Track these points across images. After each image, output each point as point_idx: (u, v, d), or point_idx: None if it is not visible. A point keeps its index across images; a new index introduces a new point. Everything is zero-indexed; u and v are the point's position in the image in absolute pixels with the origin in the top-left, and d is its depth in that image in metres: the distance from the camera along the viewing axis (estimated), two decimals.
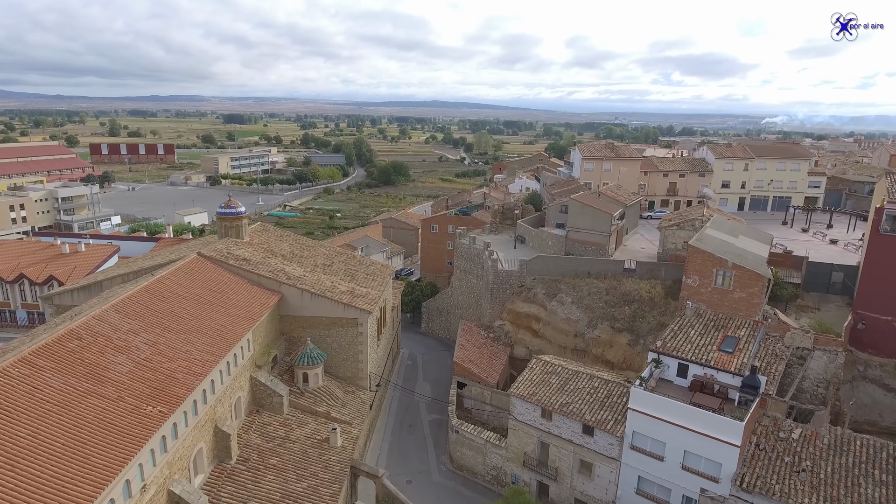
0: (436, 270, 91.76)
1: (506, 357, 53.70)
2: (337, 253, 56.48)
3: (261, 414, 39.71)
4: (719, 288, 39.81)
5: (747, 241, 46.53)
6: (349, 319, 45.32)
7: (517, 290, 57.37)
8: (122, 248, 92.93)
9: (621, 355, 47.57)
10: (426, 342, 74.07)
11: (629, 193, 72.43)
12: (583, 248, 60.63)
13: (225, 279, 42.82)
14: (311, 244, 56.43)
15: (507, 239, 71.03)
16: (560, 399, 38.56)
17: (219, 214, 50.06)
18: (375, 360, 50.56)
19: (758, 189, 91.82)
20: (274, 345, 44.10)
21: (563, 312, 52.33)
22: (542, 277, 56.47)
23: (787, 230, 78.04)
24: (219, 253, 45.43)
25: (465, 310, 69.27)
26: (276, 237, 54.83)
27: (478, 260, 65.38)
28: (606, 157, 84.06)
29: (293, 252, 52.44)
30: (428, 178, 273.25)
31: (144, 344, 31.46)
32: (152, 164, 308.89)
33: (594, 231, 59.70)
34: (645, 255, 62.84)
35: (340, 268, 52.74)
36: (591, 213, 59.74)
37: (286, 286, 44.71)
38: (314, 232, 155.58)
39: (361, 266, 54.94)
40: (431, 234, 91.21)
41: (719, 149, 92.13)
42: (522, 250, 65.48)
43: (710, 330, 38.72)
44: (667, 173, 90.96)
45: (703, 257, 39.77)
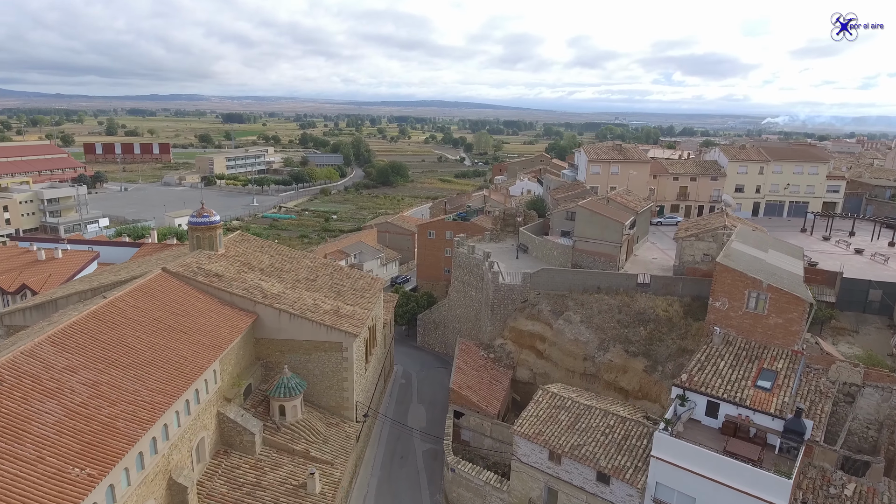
0: (433, 278, 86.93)
1: (507, 381, 48.83)
2: (322, 265, 51.62)
3: (229, 455, 34.86)
4: (752, 312, 34.96)
5: (778, 255, 41.68)
6: (333, 343, 40.46)
7: (520, 306, 52.50)
8: (103, 255, 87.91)
9: (636, 383, 42.71)
10: (422, 358, 69.22)
11: (639, 199, 67.57)
12: (591, 259, 55.78)
13: (191, 299, 37.97)
14: (294, 255, 51.57)
15: (508, 248, 66.18)
16: (570, 440, 33.71)
17: (190, 224, 45.19)
18: (364, 385, 45.72)
19: (773, 193, 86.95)
20: (247, 372, 39.26)
21: (570, 332, 47.46)
22: (547, 292, 51.62)
23: (807, 238, 73.16)
24: (187, 268, 40.58)
25: (464, 324, 64.44)
26: (256, 248, 49.97)
27: (477, 271, 60.55)
28: (614, 159, 79.21)
29: (273, 265, 47.58)
30: (427, 179, 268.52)
31: (83, 385, 26.59)
32: (147, 163, 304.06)
33: (604, 241, 54.84)
34: (658, 268, 57.99)
35: (325, 282, 47.88)
36: (600, 222, 54.87)
37: (262, 306, 39.85)
38: (308, 234, 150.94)
39: (349, 280, 50.07)
40: (428, 240, 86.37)
41: (732, 151, 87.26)
42: (525, 260, 60.64)
43: (742, 361, 33.86)
44: (677, 176, 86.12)
45: (734, 277, 34.94)
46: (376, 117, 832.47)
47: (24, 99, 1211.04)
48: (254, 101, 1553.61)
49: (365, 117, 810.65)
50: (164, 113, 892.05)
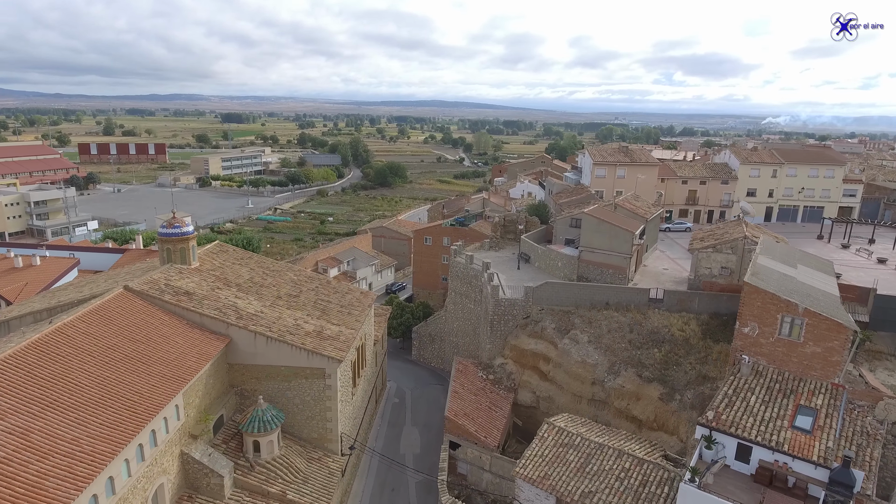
0: (429, 287, 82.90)
1: (508, 406, 44.77)
2: (307, 278, 47.52)
3: (193, 501, 30.80)
4: (786, 339, 30.90)
5: (809, 272, 37.63)
6: (314, 370, 36.40)
7: (522, 323, 48.46)
8: (84, 261, 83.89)
9: (651, 412, 38.67)
10: (417, 373, 65.18)
11: (648, 205, 63.53)
12: (598, 271, 51.73)
13: (155, 322, 33.91)
14: (276, 268, 47.47)
15: (509, 257, 62.14)
16: (581, 485, 29.68)
17: (160, 236, 41.14)
18: (351, 413, 41.68)
19: (787, 198, 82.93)
20: (219, 403, 35.21)
21: (577, 353, 43.40)
22: (551, 308, 47.58)
23: (824, 246, 69.17)
24: (153, 286, 36.53)
25: (461, 338, 60.44)
26: (234, 260, 45.89)
27: (475, 282, 56.54)
28: (620, 162, 75.14)
29: (253, 279, 43.52)
30: (426, 180, 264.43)
31: (8, 434, 22.54)
32: (143, 164, 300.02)
33: (612, 252, 50.78)
34: (670, 280, 53.97)
35: (310, 298, 43.81)
36: (608, 231, 50.81)
37: (236, 328, 35.79)
38: (303, 238, 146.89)
39: (335, 295, 46.00)
40: (424, 246, 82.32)
41: (744, 153, 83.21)
42: (527, 271, 56.60)
43: (775, 396, 29.83)
44: (686, 180, 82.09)
45: (765, 299, 30.90)
46: (376, 117, 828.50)
47: (23, 98, 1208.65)
48: (253, 101, 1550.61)
49: (364, 117, 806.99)
50: (164, 113, 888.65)
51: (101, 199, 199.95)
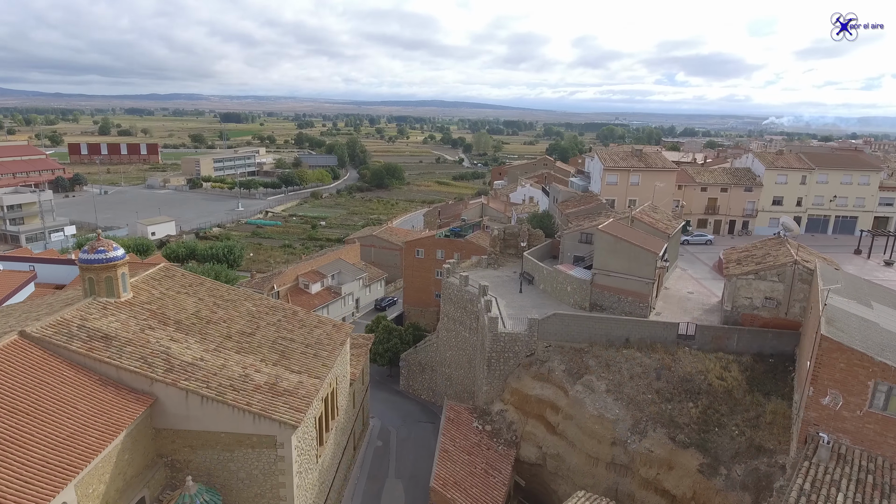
0: (422, 304, 75.28)
1: (509, 468, 37.08)
2: (269, 309, 39.80)
3: None
4: (879, 414, 23.26)
5: (888, 313, 29.89)
6: (263, 437, 28.75)
7: (525, 362, 40.76)
8: (42, 274, 76.19)
9: (688, 487, 30.97)
10: (404, 408, 57.48)
11: (668, 217, 55.85)
12: (616, 298, 44.02)
13: (54, 380, 26.21)
14: (232, 297, 39.68)
15: (509, 276, 54.41)
16: None
17: (80, 262, 33.45)
18: (315, 481, 33.99)
19: (817, 207, 75.20)
20: (139, 481, 27.53)
21: (593, 405, 35.70)
22: (560, 344, 39.89)
23: (864, 263, 61.50)
24: (60, 330, 28.82)
25: (455, 370, 52.82)
26: (181, 288, 38.16)
27: (471, 308, 48.91)
28: (634, 167, 67.42)
29: (199, 313, 35.80)
30: (424, 181, 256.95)
31: None
32: (134, 164, 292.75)
33: (631, 276, 43.08)
34: (698, 307, 46.26)
35: (268, 336, 36.12)
36: (627, 252, 43.10)
37: (162, 385, 28.11)
38: (292, 244, 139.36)
39: (301, 330, 38.29)
40: (416, 260, 74.69)
41: (769, 157, 75.49)
42: (531, 295, 48.92)
43: (868, 492, 22.15)
44: (705, 187, 74.40)
45: (850, 360, 23.22)
46: (375, 117, 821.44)
47: (22, 98, 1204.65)
48: (253, 101, 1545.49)
49: (364, 117, 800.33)
50: (163, 112, 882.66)
51: (86, 202, 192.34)
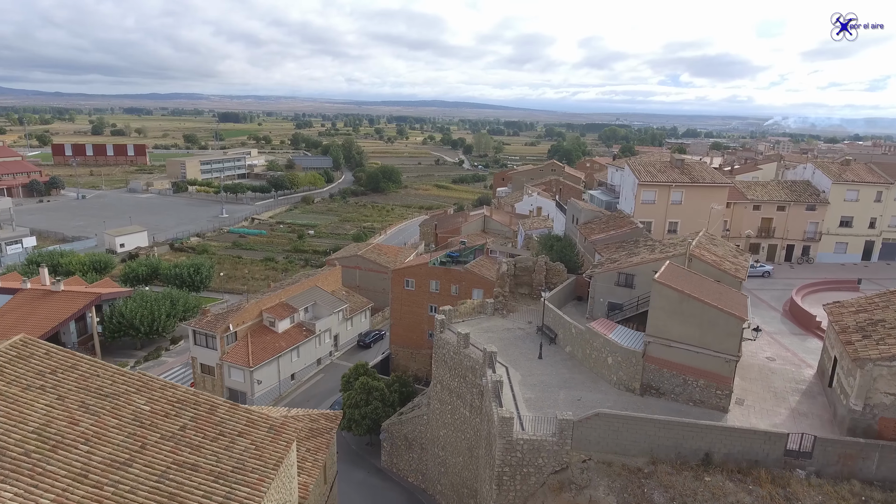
0: (412, 345, 62.23)
1: None
2: (170, 408, 26.07)
3: None
4: None
5: None
6: None
7: (553, 482, 27.59)
8: None
9: None
10: (385, 495, 44.23)
11: (734, 253, 42.59)
12: (680, 379, 30.82)
13: None
14: (117, 389, 25.36)
15: (522, 330, 41.14)
16: None
17: None
18: None
19: (893, 229, 62.02)
20: None
21: None
22: (606, 459, 26.76)
23: None
24: None
25: (450, 454, 39.69)
26: (36, 376, 24.07)
27: (471, 377, 35.78)
28: (677, 182, 54.15)
29: (48, 426, 21.86)
30: (422, 185, 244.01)
31: None
32: (120, 166, 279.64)
33: (704, 350, 29.91)
34: (792, 387, 33.03)
35: (157, 462, 22.51)
36: (698, 315, 29.86)
37: None
38: (275, 257, 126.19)
39: (215, 445, 24.20)
40: (406, 291, 61.58)
41: (835, 168, 62.21)
42: (554, 362, 35.73)
43: None
44: (759, 205, 61.18)
45: None
46: (375, 117, 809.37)
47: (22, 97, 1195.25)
48: (253, 101, 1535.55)
49: (364, 117, 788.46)
50: (161, 112, 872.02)
51: (60, 208, 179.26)
